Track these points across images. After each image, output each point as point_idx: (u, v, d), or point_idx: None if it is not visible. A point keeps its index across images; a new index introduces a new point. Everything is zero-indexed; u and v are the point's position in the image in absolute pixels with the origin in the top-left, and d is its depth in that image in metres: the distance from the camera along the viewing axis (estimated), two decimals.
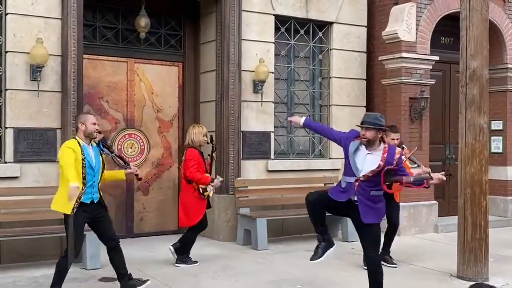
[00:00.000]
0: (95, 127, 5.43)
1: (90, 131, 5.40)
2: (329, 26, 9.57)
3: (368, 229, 5.09)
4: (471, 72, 6.40)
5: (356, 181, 5.01)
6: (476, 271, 6.36)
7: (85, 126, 5.38)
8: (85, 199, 5.29)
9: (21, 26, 7.10)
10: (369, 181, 4.99)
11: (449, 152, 10.20)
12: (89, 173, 5.30)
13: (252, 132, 8.75)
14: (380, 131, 5.06)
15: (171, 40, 8.97)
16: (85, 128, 5.38)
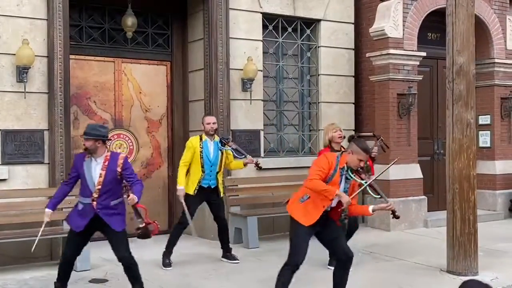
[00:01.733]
0: (210, 126, 6.93)
1: (207, 130, 6.94)
2: (317, 24, 9.58)
3: (121, 234, 5.29)
4: (457, 68, 6.43)
5: (93, 201, 5.16)
6: (465, 265, 6.40)
7: (203, 126, 6.90)
8: (204, 184, 6.89)
9: (7, 27, 7.04)
10: (105, 193, 5.16)
11: (437, 148, 10.25)
12: (206, 163, 6.87)
13: (242, 130, 8.74)
14: (99, 141, 5.18)
15: (159, 39, 8.94)
16: (203, 127, 6.87)
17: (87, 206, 5.23)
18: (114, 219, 5.28)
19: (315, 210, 4.89)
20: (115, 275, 6.39)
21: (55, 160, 7.19)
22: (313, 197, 4.88)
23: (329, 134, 6.72)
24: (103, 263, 6.88)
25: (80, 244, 5.48)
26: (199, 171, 6.94)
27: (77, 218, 5.30)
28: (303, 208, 4.94)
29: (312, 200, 4.89)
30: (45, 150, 7.22)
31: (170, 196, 9.04)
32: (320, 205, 4.88)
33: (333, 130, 6.67)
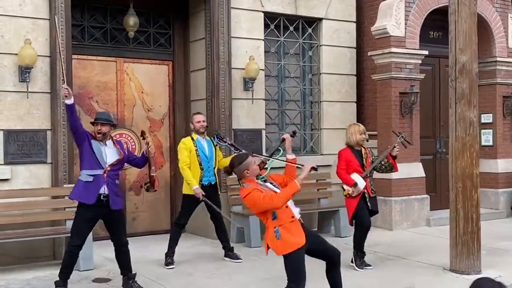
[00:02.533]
0: (200, 124, 6.95)
1: (197, 128, 6.96)
2: (319, 22, 9.57)
3: (119, 213, 5.70)
4: (460, 66, 6.42)
5: (104, 172, 5.53)
6: (468, 264, 6.39)
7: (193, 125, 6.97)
8: (204, 181, 6.91)
9: (9, 27, 7.05)
10: (114, 170, 5.63)
11: (439, 146, 10.24)
12: (203, 160, 6.90)
13: (244, 129, 8.74)
14: (112, 126, 5.84)
15: (160, 38, 8.94)
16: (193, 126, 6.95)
17: (99, 177, 5.52)
18: (117, 200, 5.66)
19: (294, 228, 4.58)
20: (118, 275, 6.38)
21: (57, 159, 7.19)
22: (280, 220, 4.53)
23: (356, 136, 6.65)
24: (106, 263, 6.88)
25: (88, 231, 5.70)
26: (197, 169, 6.94)
27: (86, 191, 5.50)
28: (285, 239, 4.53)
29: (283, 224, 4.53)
30: (48, 150, 7.22)
31: (172, 196, 9.04)
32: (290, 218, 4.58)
33: (359, 133, 6.65)
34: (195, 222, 8.80)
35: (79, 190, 5.56)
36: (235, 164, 4.70)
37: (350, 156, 6.65)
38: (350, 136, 6.67)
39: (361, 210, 6.58)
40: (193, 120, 7.12)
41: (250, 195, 4.50)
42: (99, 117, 5.73)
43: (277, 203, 4.44)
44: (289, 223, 4.54)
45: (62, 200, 7.05)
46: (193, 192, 6.86)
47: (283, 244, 4.52)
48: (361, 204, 6.58)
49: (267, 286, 6.08)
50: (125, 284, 5.84)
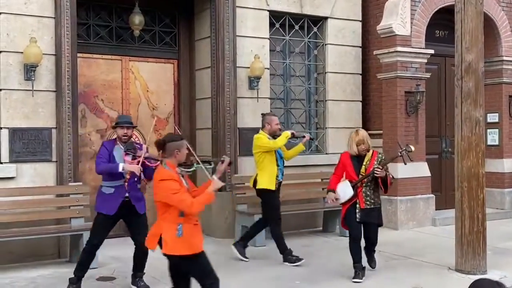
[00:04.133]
0: (278, 126, 7.09)
1: (275, 129, 7.03)
2: (324, 21, 9.55)
3: (143, 218, 5.77)
4: (466, 65, 6.39)
5: (125, 182, 5.62)
6: (474, 264, 6.36)
7: (270, 126, 7.00)
8: (280, 178, 7.03)
9: (15, 26, 7.06)
10: (134, 176, 5.65)
11: (445, 146, 10.21)
12: (279, 159, 7.02)
13: (249, 128, 8.72)
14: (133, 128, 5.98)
15: (166, 37, 8.94)
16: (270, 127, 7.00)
17: (119, 188, 5.66)
18: (140, 204, 5.78)
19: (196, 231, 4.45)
20: (122, 273, 6.40)
21: (62, 158, 7.20)
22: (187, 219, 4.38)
23: (353, 146, 6.15)
24: (111, 261, 6.89)
25: (107, 231, 5.82)
26: (274, 167, 7.02)
27: (107, 203, 5.65)
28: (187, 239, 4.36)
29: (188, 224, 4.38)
30: (53, 148, 7.23)
31: None
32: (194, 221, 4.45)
33: (357, 143, 6.11)
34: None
35: (102, 202, 5.73)
36: (169, 138, 4.56)
37: (347, 161, 6.22)
38: (350, 145, 6.26)
39: (348, 220, 6.23)
40: (270, 121, 7.08)
41: (168, 183, 4.29)
42: (123, 121, 5.86)
43: (195, 210, 4.30)
44: (193, 225, 4.40)
45: (67, 198, 7.07)
46: (271, 187, 6.93)
47: (183, 243, 4.31)
48: (349, 213, 6.19)
49: (272, 285, 6.08)
50: (133, 282, 5.96)
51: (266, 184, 6.99)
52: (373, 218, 6.20)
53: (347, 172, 6.20)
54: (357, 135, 6.16)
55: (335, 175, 6.31)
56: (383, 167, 6.06)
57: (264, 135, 7.05)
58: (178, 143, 4.51)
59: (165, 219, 4.36)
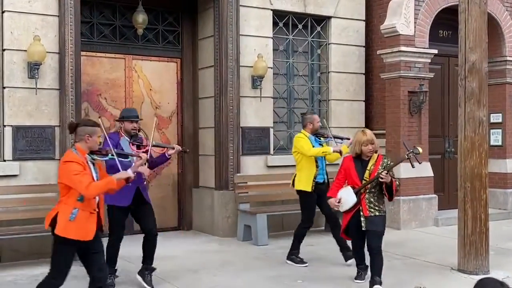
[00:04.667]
0: (319, 124, 6.98)
1: (317, 127, 6.94)
2: (327, 21, 9.54)
3: (150, 206, 5.93)
4: (470, 65, 6.38)
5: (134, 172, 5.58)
6: (476, 264, 6.36)
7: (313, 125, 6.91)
8: (319, 178, 6.85)
9: (18, 24, 7.07)
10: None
11: (448, 146, 10.19)
12: (318, 159, 6.84)
13: (251, 128, 8.74)
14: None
15: (169, 36, 8.95)
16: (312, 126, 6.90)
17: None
18: (146, 193, 5.93)
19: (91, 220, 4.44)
20: (125, 270, 6.41)
21: None
22: (84, 206, 4.40)
23: (357, 147, 5.70)
24: None
25: (124, 222, 5.94)
26: (313, 167, 6.84)
27: (120, 195, 5.55)
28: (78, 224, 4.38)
29: (84, 210, 4.40)
30: (56, 146, 7.25)
31: (180, 193, 9.05)
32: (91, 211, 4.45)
33: (364, 144, 5.65)
34: (201, 219, 8.83)
35: (115, 195, 5.55)
36: (83, 123, 4.63)
37: (350, 165, 5.72)
38: (354, 146, 5.75)
39: (350, 230, 5.83)
40: (312, 120, 6.97)
41: (70, 164, 4.34)
42: (132, 115, 5.95)
43: (90, 192, 4.32)
44: (89, 213, 4.43)
45: None
46: (307, 189, 6.80)
47: (71, 227, 4.34)
48: (352, 223, 5.74)
49: (273, 284, 6.08)
50: (141, 272, 5.99)
51: (302, 185, 6.84)
52: (378, 226, 5.66)
53: (349, 177, 5.72)
54: (365, 134, 5.67)
55: (337, 180, 5.85)
56: (388, 172, 5.56)
57: (303, 137, 6.90)
58: (90, 129, 4.55)
59: (63, 201, 4.43)
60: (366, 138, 5.64)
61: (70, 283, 4.94)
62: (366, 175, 5.63)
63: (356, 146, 5.70)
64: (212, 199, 8.57)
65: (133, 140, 5.90)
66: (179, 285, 6.01)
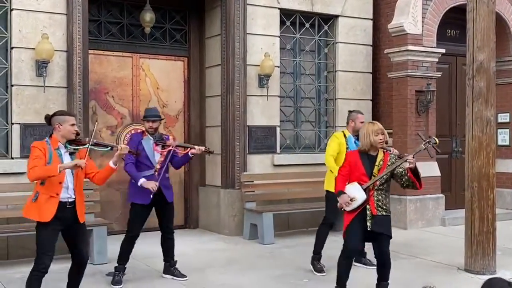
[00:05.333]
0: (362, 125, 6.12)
1: (358, 127, 6.30)
2: (335, 20, 9.53)
3: (171, 206, 6.11)
4: (478, 65, 6.36)
5: (155, 171, 5.90)
6: (483, 264, 6.34)
7: (354, 123, 6.59)
8: None
9: (27, 22, 7.10)
10: (164, 166, 5.94)
11: (455, 145, 10.16)
12: None
13: (258, 126, 8.74)
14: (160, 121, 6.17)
15: (176, 34, 8.96)
16: (354, 125, 6.58)
17: (151, 178, 5.87)
18: (169, 192, 6.06)
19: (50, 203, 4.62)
20: (132, 269, 6.43)
21: None
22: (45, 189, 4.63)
23: (371, 137, 5.21)
24: None
25: (144, 221, 6.07)
26: None
27: (141, 192, 5.86)
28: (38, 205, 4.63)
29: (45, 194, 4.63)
30: None
31: (186, 192, 9.07)
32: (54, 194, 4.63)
33: (375, 133, 5.22)
34: (208, 218, 8.84)
35: (135, 193, 5.95)
36: (57, 113, 4.80)
37: (356, 159, 5.24)
38: (364, 138, 5.25)
39: (351, 231, 5.23)
40: (355, 119, 6.62)
41: (32, 149, 4.63)
42: (149, 114, 6.04)
43: (30, 174, 4.54)
44: (50, 196, 4.60)
45: None
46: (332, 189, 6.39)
47: (32, 208, 4.65)
48: (355, 223, 5.20)
49: (279, 283, 6.08)
50: (166, 271, 6.20)
51: (328, 186, 6.52)
52: (386, 228, 5.25)
53: (356, 173, 5.22)
54: (374, 124, 5.29)
55: (341, 176, 5.31)
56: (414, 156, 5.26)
57: (338, 137, 6.58)
58: (60, 118, 4.72)
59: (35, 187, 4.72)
60: (377, 127, 5.25)
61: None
62: (375, 170, 5.18)
63: (367, 138, 5.20)
64: (218, 197, 8.58)
65: (157, 140, 6.01)
66: (186, 283, 6.03)
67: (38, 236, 4.68)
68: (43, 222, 4.62)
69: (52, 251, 4.70)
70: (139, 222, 6.01)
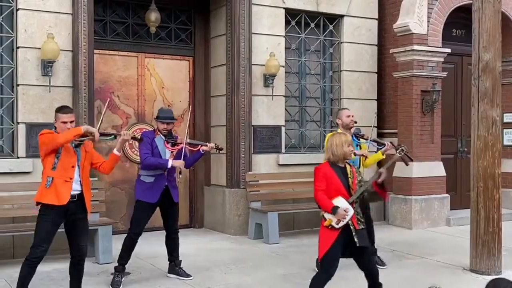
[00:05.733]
0: (349, 119, 6.41)
1: (346, 123, 6.40)
2: (340, 19, 9.52)
3: (176, 206, 6.11)
4: (483, 65, 6.34)
5: (164, 171, 5.89)
6: (489, 264, 6.32)
7: (341, 120, 6.44)
8: None
9: (32, 22, 7.12)
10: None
11: (461, 145, 10.13)
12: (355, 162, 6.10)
13: (263, 126, 8.74)
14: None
15: (182, 34, 8.97)
16: (341, 122, 6.43)
17: (160, 177, 5.89)
18: (175, 192, 6.06)
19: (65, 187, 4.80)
20: (137, 268, 6.45)
21: None
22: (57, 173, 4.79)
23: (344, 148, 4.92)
24: None
25: (148, 219, 6.07)
26: None
27: (149, 191, 5.89)
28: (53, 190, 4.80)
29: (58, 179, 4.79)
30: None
31: (191, 191, 9.08)
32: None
33: (349, 144, 4.97)
34: (213, 217, 8.85)
35: (143, 190, 5.94)
36: (56, 109, 5.05)
37: (330, 173, 4.87)
38: (335, 148, 4.91)
39: (332, 256, 4.82)
40: (341, 115, 6.53)
41: (45, 135, 4.81)
42: (164, 116, 6.03)
43: (59, 140, 4.70)
44: (64, 181, 4.76)
45: None
46: None
47: (47, 193, 4.76)
48: (337, 245, 4.80)
49: (284, 282, 6.08)
50: (171, 270, 6.21)
51: None
52: (367, 239, 4.97)
53: (332, 186, 4.84)
54: (346, 135, 5.08)
55: (322, 191, 4.86)
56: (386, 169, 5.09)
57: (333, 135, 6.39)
58: (56, 115, 4.96)
59: (43, 174, 4.84)
60: (349, 138, 5.04)
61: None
62: (350, 183, 4.90)
63: (340, 148, 4.90)
64: (223, 197, 8.58)
65: (167, 138, 6.03)
66: (191, 282, 6.03)
67: (37, 226, 4.81)
68: (50, 209, 4.73)
69: (46, 244, 4.83)
70: (144, 220, 6.00)
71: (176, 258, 6.22)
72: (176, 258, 6.22)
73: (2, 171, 6.89)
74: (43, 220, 4.80)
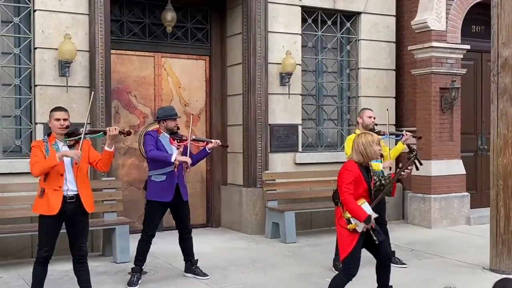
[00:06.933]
0: (370, 120, 6.35)
1: (367, 123, 6.34)
2: (357, 16, 9.45)
3: (186, 204, 6.06)
4: (503, 61, 6.25)
5: (175, 167, 5.82)
6: (509, 264, 6.23)
7: (362, 120, 6.40)
8: None
9: (49, 22, 7.18)
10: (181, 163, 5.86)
11: (481, 143, 9.99)
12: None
13: (280, 125, 8.71)
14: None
15: (198, 33, 8.98)
16: (362, 121, 6.40)
17: (171, 175, 5.84)
18: (185, 190, 6.03)
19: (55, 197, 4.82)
20: (154, 267, 6.47)
21: None
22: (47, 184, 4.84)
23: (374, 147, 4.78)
24: None
25: (161, 219, 6.09)
26: None
27: (163, 190, 5.85)
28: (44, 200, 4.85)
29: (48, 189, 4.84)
30: None
31: (208, 190, 9.09)
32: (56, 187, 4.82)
33: (378, 143, 4.84)
34: (230, 216, 8.85)
35: (156, 191, 5.90)
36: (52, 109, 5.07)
37: (359, 176, 4.71)
38: (364, 148, 4.75)
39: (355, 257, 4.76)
40: (362, 115, 6.48)
41: (31, 149, 4.93)
42: (173, 113, 6.02)
43: (32, 170, 4.82)
44: (53, 190, 4.81)
45: (100, 193, 7.15)
46: None
47: (39, 204, 4.86)
48: (359, 247, 4.77)
49: (301, 281, 6.05)
50: (188, 269, 6.21)
51: None
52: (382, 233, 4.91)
53: (359, 189, 4.73)
54: (373, 135, 4.91)
55: (352, 194, 4.68)
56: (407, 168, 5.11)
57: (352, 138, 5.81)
58: (50, 114, 4.98)
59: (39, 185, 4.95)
60: (375, 137, 4.85)
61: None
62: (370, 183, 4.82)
63: (371, 148, 4.75)
64: (240, 196, 8.58)
65: (172, 136, 6.03)
66: (207, 281, 6.03)
67: (39, 230, 4.94)
68: (45, 217, 4.84)
69: (50, 247, 4.92)
70: (157, 222, 6.00)
71: (192, 257, 6.22)
72: (191, 257, 6.22)
73: (20, 171, 6.94)
74: (42, 226, 4.92)
